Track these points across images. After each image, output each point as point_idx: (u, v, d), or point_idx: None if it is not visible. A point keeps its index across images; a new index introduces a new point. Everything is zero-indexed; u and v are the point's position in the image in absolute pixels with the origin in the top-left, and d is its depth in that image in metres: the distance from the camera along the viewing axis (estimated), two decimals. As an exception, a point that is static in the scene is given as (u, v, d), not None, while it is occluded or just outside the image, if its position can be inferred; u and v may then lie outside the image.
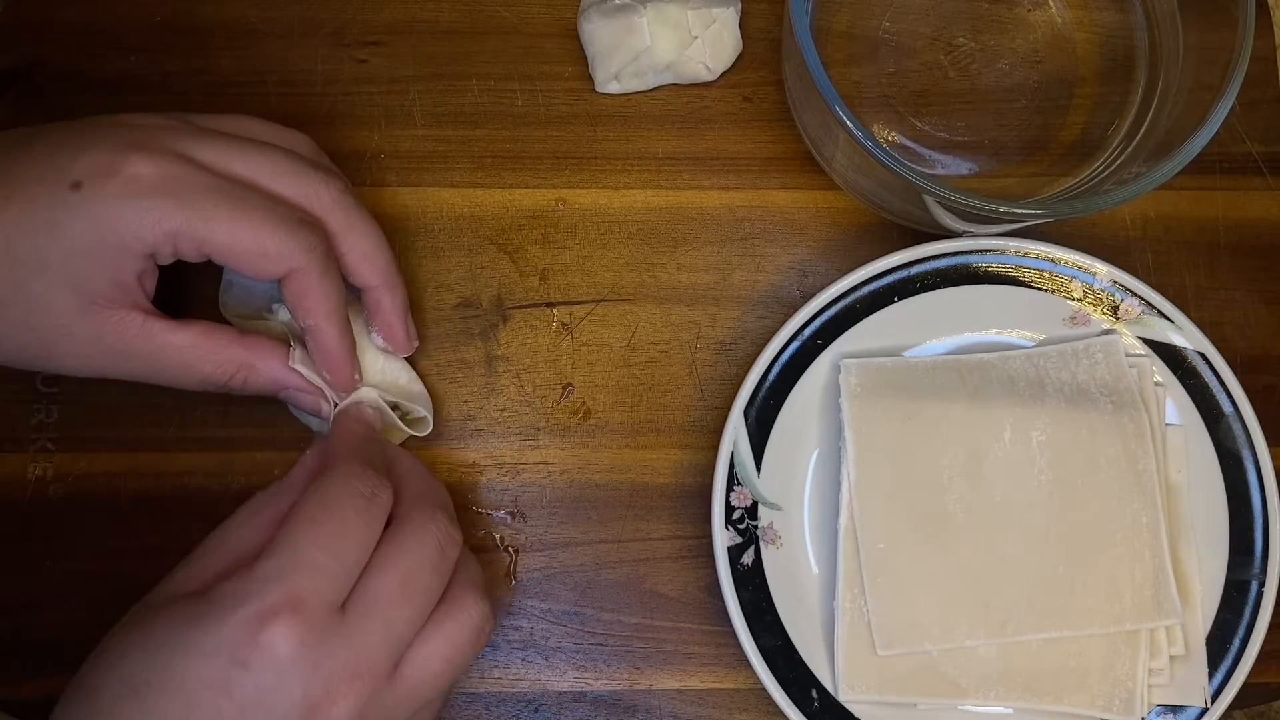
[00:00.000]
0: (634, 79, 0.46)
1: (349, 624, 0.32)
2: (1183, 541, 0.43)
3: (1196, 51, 0.42)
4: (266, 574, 0.32)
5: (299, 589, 0.31)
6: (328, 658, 0.31)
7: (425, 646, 0.34)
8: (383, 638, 0.32)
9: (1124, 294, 0.43)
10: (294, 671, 0.31)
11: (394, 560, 0.33)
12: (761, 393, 0.43)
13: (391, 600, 0.33)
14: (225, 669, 0.30)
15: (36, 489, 0.43)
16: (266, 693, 0.30)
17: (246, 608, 0.31)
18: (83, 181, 0.34)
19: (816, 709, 0.41)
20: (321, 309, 0.38)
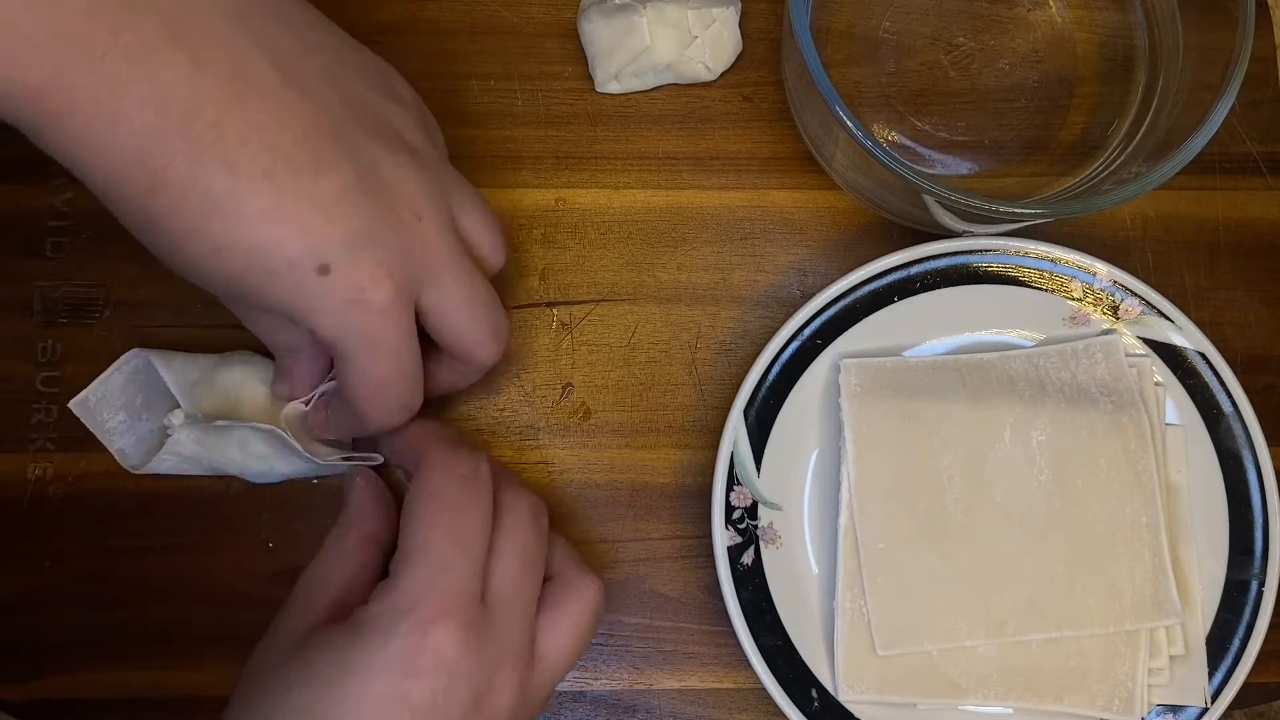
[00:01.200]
0: (634, 79, 0.46)
1: (493, 613, 0.33)
2: (1183, 541, 0.43)
3: (1196, 51, 0.42)
4: (413, 584, 0.32)
5: (448, 591, 0.32)
6: (485, 649, 0.32)
7: (555, 628, 0.35)
8: (521, 620, 0.34)
9: (1124, 294, 0.43)
10: (462, 670, 0.32)
11: (510, 545, 0.35)
12: (761, 393, 0.43)
13: (519, 582, 0.34)
14: (400, 682, 0.31)
15: (36, 489, 0.43)
16: (441, 695, 0.31)
17: (406, 621, 0.32)
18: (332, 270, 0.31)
19: (816, 709, 0.41)
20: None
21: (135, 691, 0.43)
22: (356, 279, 0.32)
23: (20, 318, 0.44)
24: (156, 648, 0.43)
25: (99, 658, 0.43)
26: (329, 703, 0.31)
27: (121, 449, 0.42)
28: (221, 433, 0.41)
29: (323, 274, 0.31)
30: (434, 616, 0.32)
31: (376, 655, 0.31)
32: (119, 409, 0.42)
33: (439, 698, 0.31)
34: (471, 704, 0.32)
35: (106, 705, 0.43)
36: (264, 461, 0.41)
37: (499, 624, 0.33)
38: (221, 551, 0.44)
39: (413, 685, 0.31)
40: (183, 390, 0.41)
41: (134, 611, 0.43)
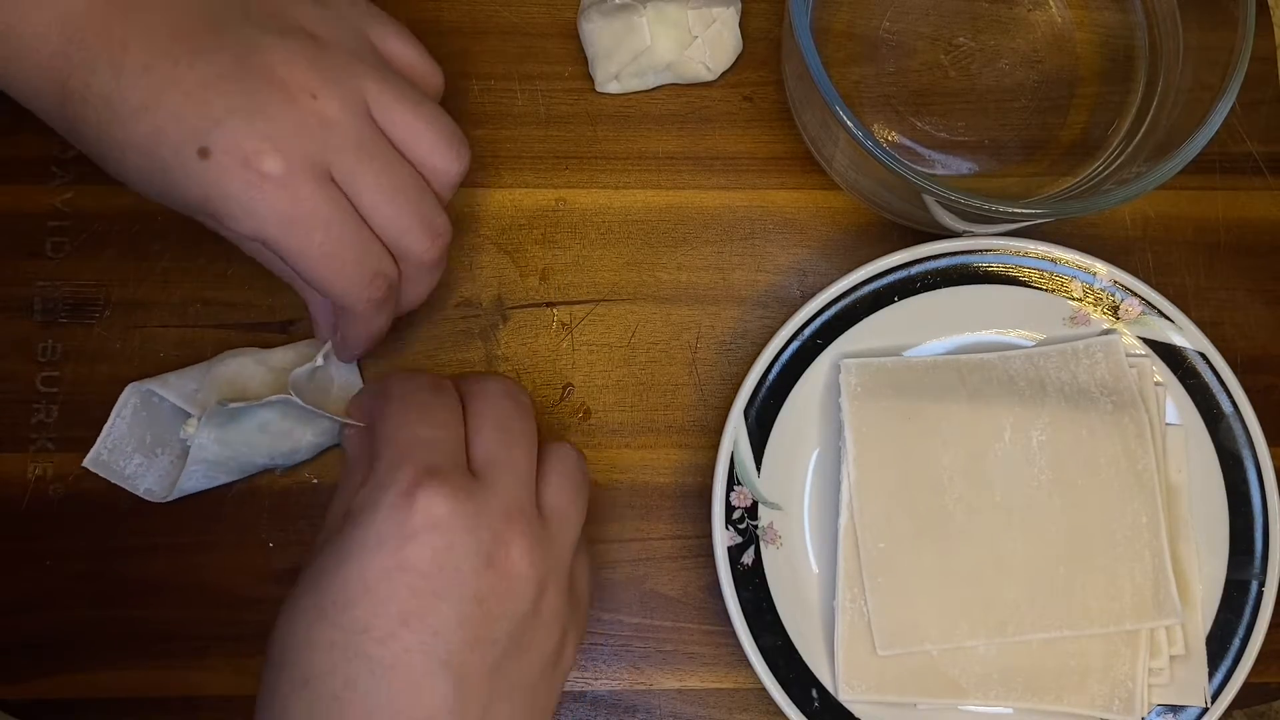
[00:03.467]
0: (634, 79, 0.46)
1: (483, 478, 0.33)
2: (1183, 541, 0.43)
3: (1196, 51, 0.42)
4: (389, 464, 0.32)
5: (424, 461, 0.32)
6: (482, 508, 0.32)
7: (550, 484, 0.35)
8: (515, 480, 0.34)
9: (1124, 294, 0.43)
10: (458, 526, 0.31)
11: (483, 420, 0.35)
12: (761, 393, 0.43)
13: (503, 447, 0.34)
14: (397, 551, 0.31)
15: (36, 489, 0.43)
16: (444, 553, 0.31)
17: (388, 494, 0.32)
18: (212, 152, 0.32)
19: (816, 709, 0.41)
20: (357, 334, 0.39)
21: (135, 691, 0.43)
22: (238, 155, 0.32)
23: (20, 318, 0.44)
24: (157, 648, 0.43)
25: (99, 658, 0.43)
26: (335, 592, 0.31)
27: (149, 489, 0.42)
28: (239, 422, 0.41)
29: (204, 157, 0.32)
30: (416, 481, 0.31)
31: (369, 533, 0.31)
32: (132, 453, 0.42)
33: (442, 557, 0.31)
34: (482, 560, 0.32)
35: (106, 705, 0.43)
36: (289, 437, 0.41)
37: (492, 486, 0.33)
38: (221, 551, 0.44)
39: (410, 550, 0.31)
40: (187, 400, 0.41)
41: (134, 611, 0.43)
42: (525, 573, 0.32)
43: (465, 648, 0.31)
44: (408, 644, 0.30)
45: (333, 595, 0.31)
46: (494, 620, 0.32)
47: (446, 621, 0.31)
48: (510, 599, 0.32)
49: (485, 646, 0.31)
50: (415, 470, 0.32)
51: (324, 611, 0.31)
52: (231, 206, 0.33)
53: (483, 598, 0.31)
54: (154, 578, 0.43)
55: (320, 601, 0.31)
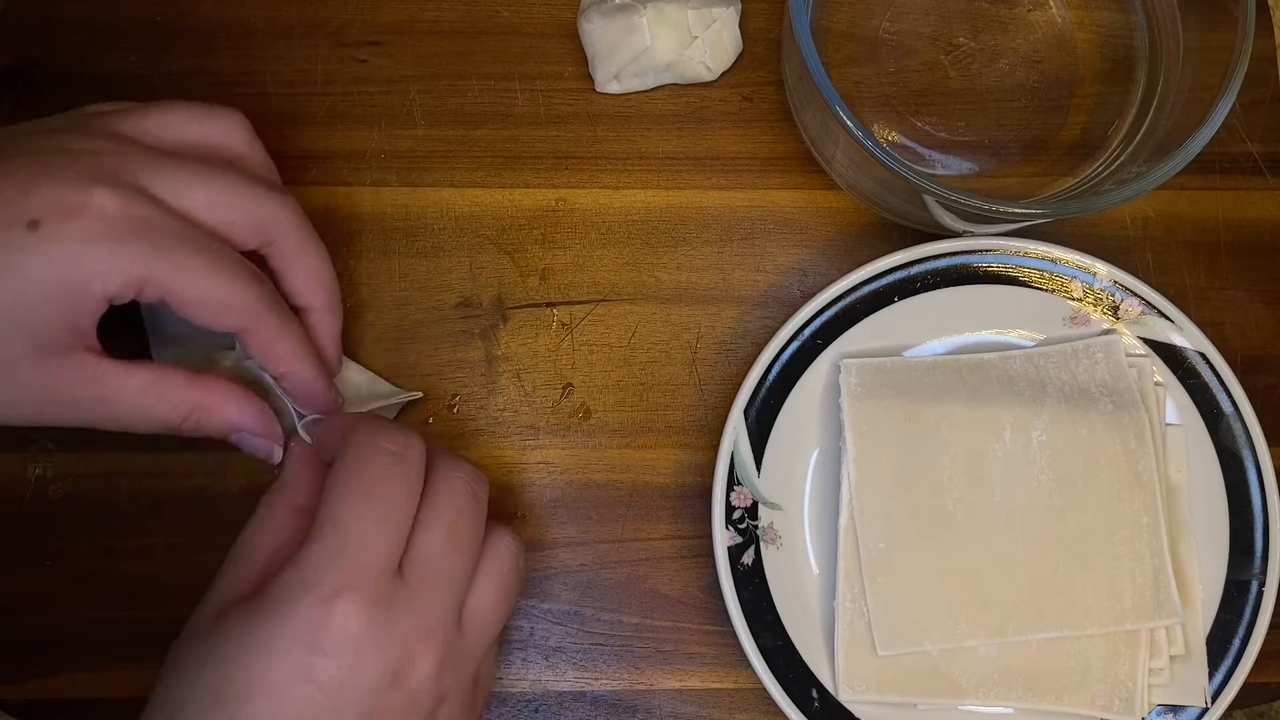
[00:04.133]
0: (634, 79, 0.46)
1: (410, 586, 0.32)
2: (1183, 541, 0.43)
3: (1196, 51, 0.42)
4: (318, 558, 0.31)
5: (354, 565, 0.31)
6: (399, 623, 0.32)
7: (479, 591, 0.34)
8: (445, 592, 0.33)
9: (1124, 294, 0.43)
10: (371, 644, 0.31)
11: (436, 515, 0.34)
12: (761, 393, 0.43)
13: (444, 554, 0.33)
14: (304, 659, 0.30)
15: (36, 489, 0.43)
16: (350, 671, 0.31)
17: (308, 595, 0.31)
18: (41, 220, 0.31)
19: (816, 709, 0.41)
20: (291, 355, 0.37)
21: (135, 691, 0.43)
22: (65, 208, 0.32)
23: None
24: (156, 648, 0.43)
25: (99, 658, 0.43)
26: (236, 684, 0.30)
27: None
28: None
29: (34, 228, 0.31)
30: (337, 591, 0.31)
31: (279, 632, 0.30)
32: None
33: (346, 674, 0.30)
34: (386, 678, 0.31)
35: (106, 705, 0.43)
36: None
37: (417, 596, 0.32)
38: (221, 551, 0.43)
39: (317, 662, 0.30)
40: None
41: (134, 611, 0.43)
42: (428, 689, 0.32)
43: None
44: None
45: (233, 686, 0.30)
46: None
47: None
48: (407, 714, 0.32)
49: None
50: (342, 575, 0.31)
51: (222, 701, 0.30)
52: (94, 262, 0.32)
53: (378, 714, 0.31)
54: (154, 578, 0.43)
55: (220, 688, 0.30)
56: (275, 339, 0.36)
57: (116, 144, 0.35)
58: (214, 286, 0.34)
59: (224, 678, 0.31)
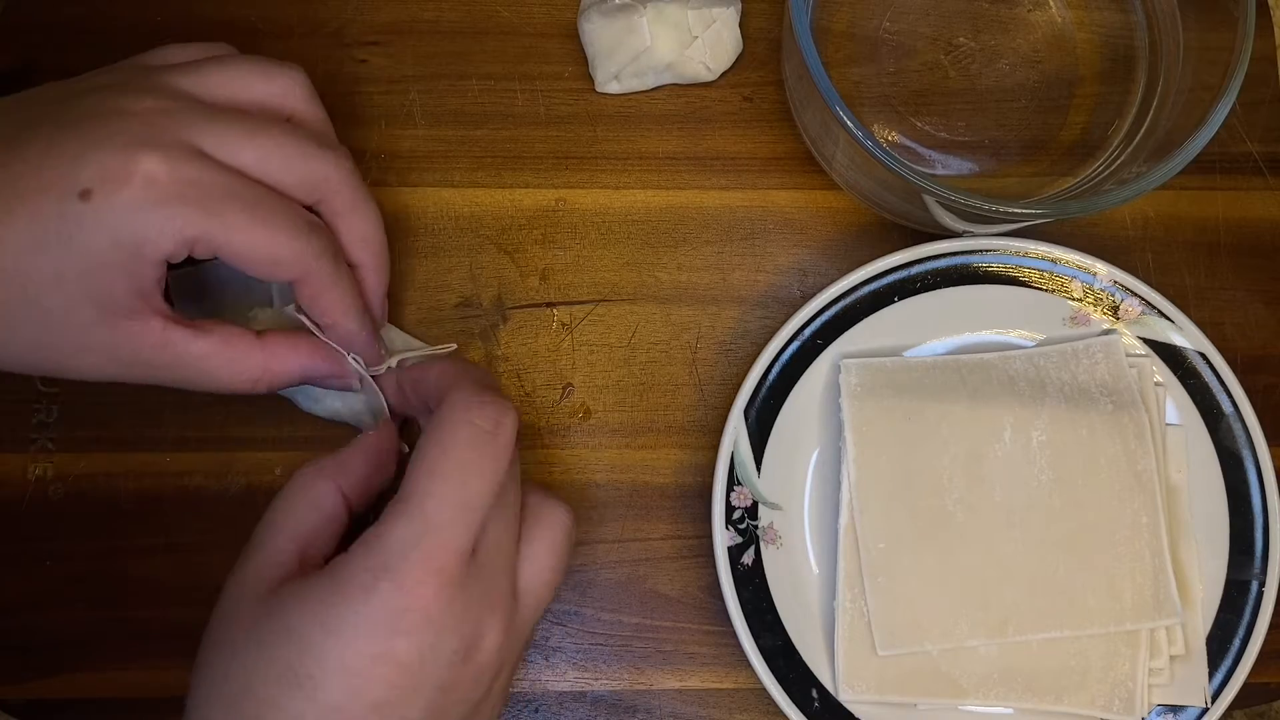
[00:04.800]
0: (634, 79, 0.46)
1: (478, 563, 0.33)
2: (1183, 541, 0.43)
3: (1196, 51, 0.42)
4: (401, 542, 0.31)
5: (436, 550, 0.31)
6: (471, 600, 0.32)
7: (534, 561, 0.35)
8: (505, 564, 0.34)
9: (1124, 294, 0.43)
10: (448, 624, 0.31)
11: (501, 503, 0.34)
12: (761, 393, 0.43)
13: (506, 533, 0.34)
14: (385, 641, 0.31)
15: (36, 489, 0.43)
16: (429, 649, 0.31)
17: (389, 580, 0.31)
18: (93, 190, 0.32)
19: (816, 709, 0.41)
20: (339, 308, 0.37)
21: (135, 691, 0.43)
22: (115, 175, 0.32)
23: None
24: (156, 648, 0.43)
25: (99, 658, 0.43)
26: (313, 664, 0.30)
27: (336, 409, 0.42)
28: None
29: (86, 198, 0.32)
30: (419, 577, 0.31)
31: (360, 614, 0.31)
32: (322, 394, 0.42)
33: (425, 653, 0.31)
34: (460, 655, 0.32)
35: (106, 705, 0.43)
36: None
37: (484, 573, 0.33)
38: (221, 551, 0.43)
39: (399, 643, 0.31)
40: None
41: (134, 611, 0.43)
42: (492, 663, 0.33)
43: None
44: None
45: (309, 667, 0.31)
46: (456, 704, 0.32)
47: (414, 710, 0.31)
48: (474, 687, 0.33)
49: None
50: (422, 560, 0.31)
51: (299, 682, 0.30)
52: (145, 227, 0.33)
53: (450, 687, 0.32)
54: (154, 578, 0.43)
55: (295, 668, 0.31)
56: (323, 291, 0.37)
57: (171, 101, 0.35)
58: (262, 242, 0.34)
59: (298, 656, 0.31)
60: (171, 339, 0.35)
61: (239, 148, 0.35)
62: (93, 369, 0.36)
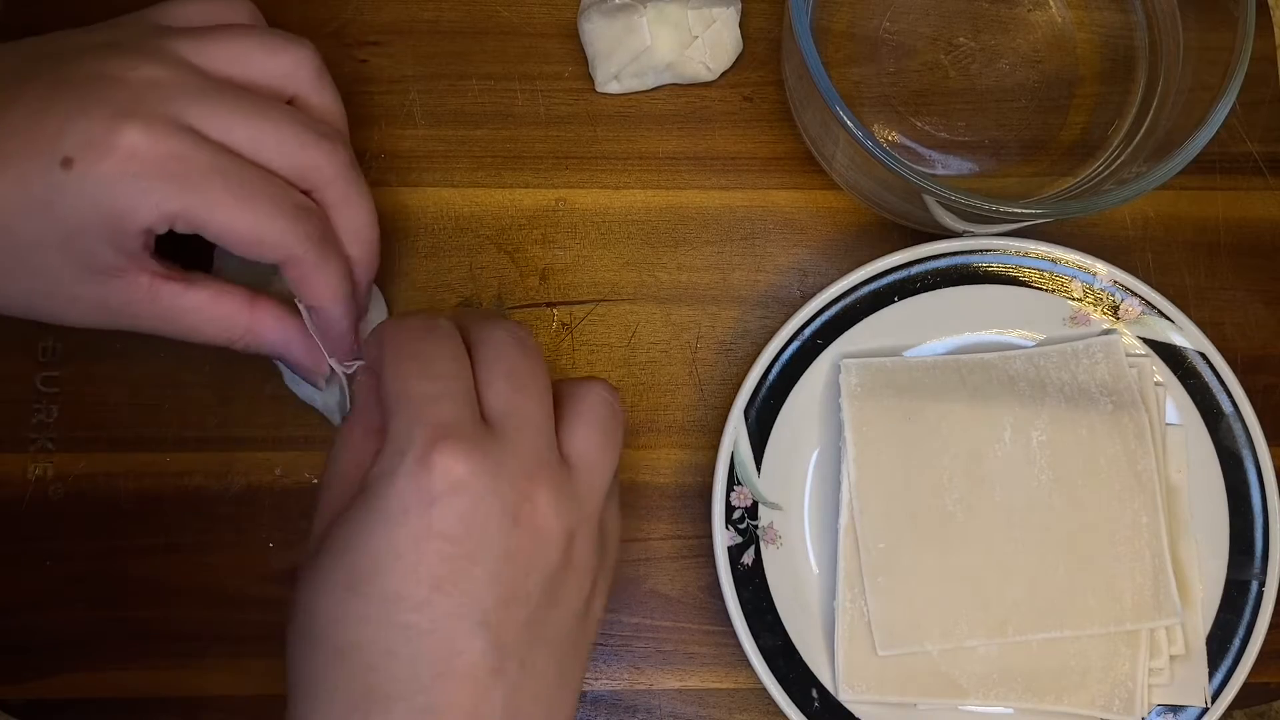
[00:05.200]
0: (634, 79, 0.46)
1: (498, 432, 0.32)
2: (1183, 541, 0.43)
3: (1196, 51, 0.42)
4: (402, 428, 0.31)
5: (436, 419, 0.31)
6: (502, 464, 0.31)
7: (576, 431, 0.34)
8: (533, 432, 0.33)
9: (1124, 294, 0.43)
10: (481, 486, 0.30)
11: (493, 370, 0.33)
12: (761, 393, 0.43)
13: (516, 401, 0.33)
14: (422, 517, 0.30)
15: (36, 489, 0.43)
16: (469, 515, 0.30)
17: (406, 459, 0.30)
18: (74, 158, 0.32)
19: (816, 709, 0.41)
20: (324, 293, 0.37)
21: (135, 691, 0.43)
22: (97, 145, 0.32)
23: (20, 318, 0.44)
24: (156, 648, 0.43)
25: (99, 658, 0.43)
26: (366, 563, 0.30)
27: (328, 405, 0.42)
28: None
29: (68, 166, 0.32)
30: (431, 442, 0.30)
31: (390, 502, 0.30)
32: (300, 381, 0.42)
33: (468, 519, 0.30)
34: (508, 518, 0.31)
35: (106, 705, 0.43)
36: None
37: (507, 438, 0.32)
38: (221, 551, 0.44)
39: (436, 515, 0.30)
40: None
41: (134, 611, 0.43)
42: (553, 525, 0.32)
43: (499, 606, 0.31)
44: (443, 609, 0.30)
45: (361, 567, 0.30)
46: (525, 576, 0.31)
47: (478, 583, 0.30)
48: (540, 554, 0.32)
49: (518, 602, 0.31)
50: (429, 431, 0.31)
51: (354, 585, 0.30)
52: (124, 200, 0.33)
53: (512, 555, 0.31)
54: (154, 578, 0.43)
55: (349, 575, 0.30)
56: (307, 274, 0.37)
57: (167, 71, 0.34)
58: (245, 222, 0.34)
59: (349, 566, 0.30)
60: (160, 293, 0.36)
61: (231, 126, 0.34)
62: (84, 318, 0.36)
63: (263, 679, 0.43)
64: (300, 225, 0.35)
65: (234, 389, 0.44)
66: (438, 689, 0.30)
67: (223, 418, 0.44)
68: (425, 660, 0.30)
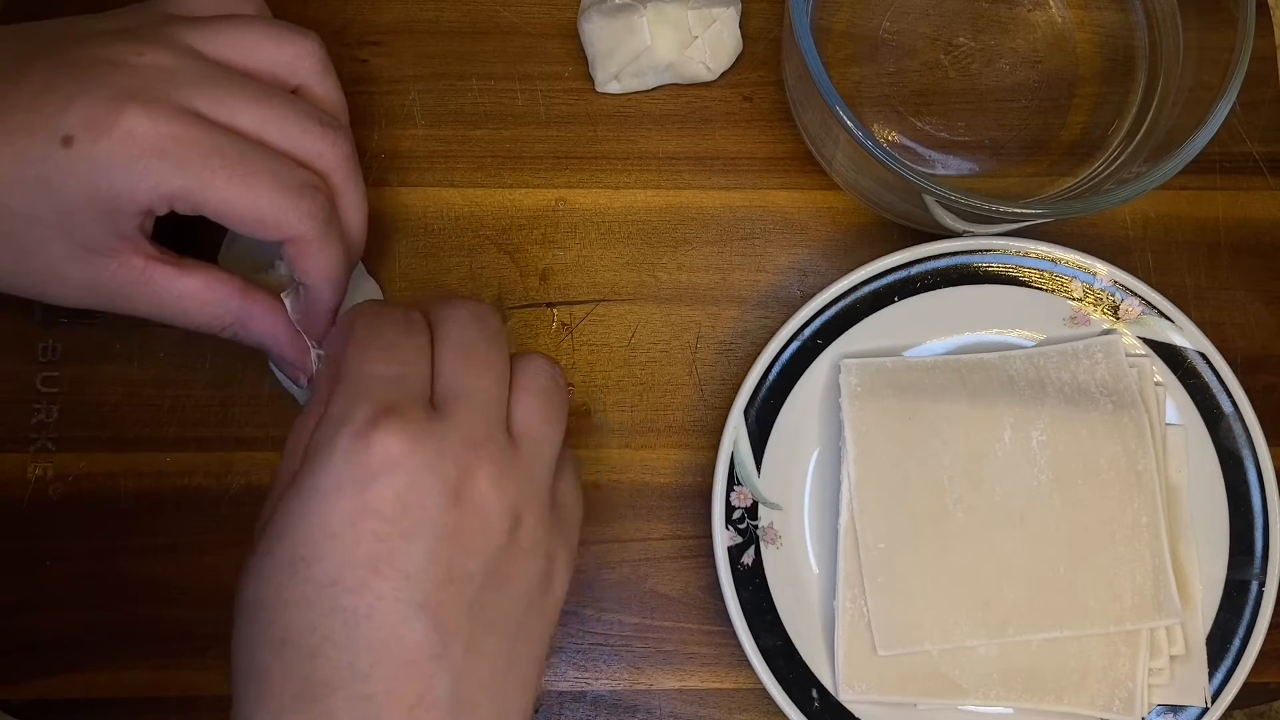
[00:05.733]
0: (634, 79, 0.46)
1: (444, 411, 0.31)
2: (1183, 541, 0.43)
3: (1196, 51, 0.42)
4: (345, 401, 0.31)
5: (381, 397, 0.31)
6: (444, 442, 0.31)
7: (519, 405, 0.33)
8: (480, 408, 0.32)
9: (1124, 294, 0.43)
10: (419, 464, 0.30)
11: (447, 346, 0.33)
12: (761, 393, 0.43)
13: (466, 377, 0.32)
14: (357, 494, 0.29)
15: (36, 489, 0.43)
16: (406, 493, 0.30)
17: (344, 432, 0.30)
18: (74, 136, 0.32)
19: (816, 709, 0.41)
20: (320, 272, 0.37)
21: (135, 691, 0.43)
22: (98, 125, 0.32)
23: (20, 318, 0.44)
24: (156, 648, 0.43)
25: (99, 658, 0.43)
26: (302, 544, 0.29)
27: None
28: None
29: (68, 145, 0.32)
30: (372, 419, 0.30)
31: (326, 478, 0.30)
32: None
33: (405, 497, 0.30)
34: (448, 496, 0.30)
35: (106, 705, 0.43)
36: None
37: (454, 418, 0.31)
38: (221, 551, 0.44)
39: (371, 493, 0.29)
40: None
41: (134, 611, 0.43)
42: (495, 504, 0.31)
43: (438, 587, 0.30)
44: (380, 591, 0.29)
45: (299, 549, 0.30)
46: (466, 556, 0.30)
47: (416, 563, 0.30)
48: (482, 533, 0.31)
49: (460, 583, 0.30)
50: (371, 408, 0.30)
51: (294, 567, 0.30)
52: (121, 180, 0.33)
53: (452, 534, 0.30)
54: (154, 578, 0.43)
55: (288, 555, 0.30)
56: (305, 253, 0.37)
57: (173, 57, 0.35)
58: (245, 202, 0.34)
59: (289, 546, 0.30)
60: (153, 277, 0.36)
61: (235, 111, 0.35)
62: (72, 299, 0.36)
63: (263, 679, 0.43)
64: (303, 203, 0.35)
65: (234, 389, 0.44)
66: (377, 676, 0.29)
67: (223, 418, 0.44)
68: (363, 646, 0.29)
